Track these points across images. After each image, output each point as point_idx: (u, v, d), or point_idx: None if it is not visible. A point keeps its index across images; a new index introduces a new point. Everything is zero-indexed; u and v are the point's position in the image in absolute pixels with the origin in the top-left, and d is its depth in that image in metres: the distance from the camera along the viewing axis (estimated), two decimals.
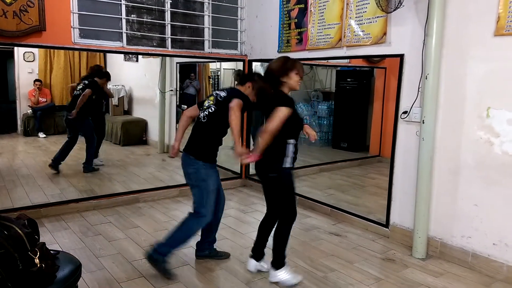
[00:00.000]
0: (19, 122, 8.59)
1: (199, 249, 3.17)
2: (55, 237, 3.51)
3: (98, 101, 5.78)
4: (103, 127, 6.14)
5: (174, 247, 2.89)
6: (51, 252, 1.90)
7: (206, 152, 2.88)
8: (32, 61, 8.68)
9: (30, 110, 8.38)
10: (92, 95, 5.46)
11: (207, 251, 3.16)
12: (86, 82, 5.53)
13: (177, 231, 2.89)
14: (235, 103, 2.69)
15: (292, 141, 2.67)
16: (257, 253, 2.94)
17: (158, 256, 2.83)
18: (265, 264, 2.93)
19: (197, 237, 3.10)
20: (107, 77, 5.73)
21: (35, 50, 8.51)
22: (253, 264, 2.94)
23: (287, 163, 2.67)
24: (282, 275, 2.78)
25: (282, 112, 2.53)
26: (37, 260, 1.74)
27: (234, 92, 2.89)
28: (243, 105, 2.76)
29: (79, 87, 5.54)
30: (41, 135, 8.22)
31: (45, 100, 8.46)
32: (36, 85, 8.31)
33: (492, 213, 2.95)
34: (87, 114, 5.51)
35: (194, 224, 2.93)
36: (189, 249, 3.34)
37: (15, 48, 7.79)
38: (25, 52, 8.49)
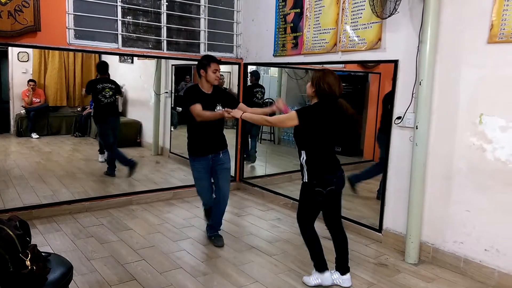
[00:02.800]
0: (12, 122, 8.53)
1: (207, 230, 3.66)
2: (47, 239, 3.48)
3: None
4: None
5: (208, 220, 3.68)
6: (43, 254, 1.88)
7: (188, 146, 3.47)
8: (26, 61, 8.64)
9: (24, 111, 8.33)
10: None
11: (208, 233, 3.61)
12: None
13: None
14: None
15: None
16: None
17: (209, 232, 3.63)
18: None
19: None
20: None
21: (30, 50, 8.47)
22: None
23: None
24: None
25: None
26: (28, 262, 1.72)
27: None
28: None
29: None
30: (34, 135, 8.16)
31: (38, 100, 8.41)
32: (30, 85, 8.26)
33: (484, 219, 2.97)
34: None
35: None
36: (181, 252, 3.34)
37: (9, 48, 7.75)
38: (19, 52, 8.44)
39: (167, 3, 4.50)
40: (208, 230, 3.62)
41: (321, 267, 2.85)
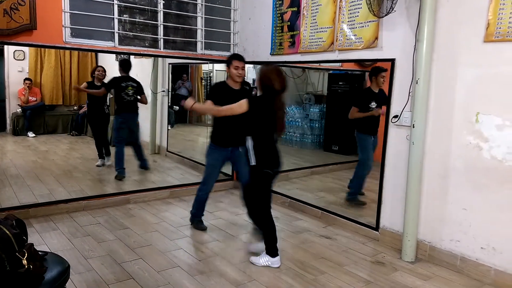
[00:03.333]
0: (8, 121, 8.49)
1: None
2: (44, 238, 3.48)
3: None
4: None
5: (194, 208, 3.86)
6: (39, 253, 1.88)
7: (213, 135, 3.65)
8: (23, 59, 8.60)
9: (20, 109, 8.29)
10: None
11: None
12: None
13: None
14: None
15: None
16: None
17: (192, 218, 3.88)
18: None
19: None
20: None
21: (26, 49, 8.42)
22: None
23: None
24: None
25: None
26: (25, 261, 1.72)
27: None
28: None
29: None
30: (31, 134, 8.13)
31: (35, 99, 8.37)
32: (26, 84, 8.23)
33: (481, 217, 2.98)
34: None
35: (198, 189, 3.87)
36: (178, 251, 3.34)
37: (5, 46, 7.71)
38: (15, 50, 8.40)
39: (163, 2, 4.48)
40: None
41: (274, 252, 3.09)
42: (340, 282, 2.91)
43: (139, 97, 5.49)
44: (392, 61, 3.45)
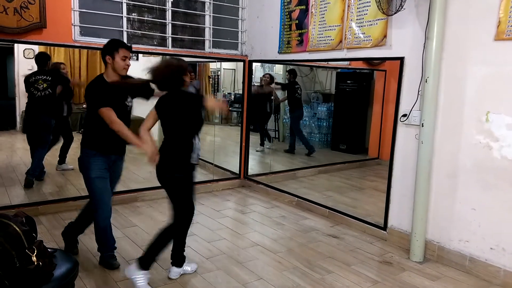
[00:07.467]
0: (18, 119, 8.57)
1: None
2: (53, 235, 3.50)
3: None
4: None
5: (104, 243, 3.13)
6: (49, 250, 1.89)
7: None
8: (32, 58, 8.66)
9: None
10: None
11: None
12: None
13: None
14: None
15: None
16: (178, 258, 2.92)
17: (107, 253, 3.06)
18: (188, 267, 2.96)
19: None
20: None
21: (35, 47, 8.48)
22: (175, 271, 2.89)
23: (194, 159, 2.74)
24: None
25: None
26: (34, 258, 1.73)
27: None
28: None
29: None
30: None
31: None
32: None
33: (490, 218, 2.95)
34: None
35: None
36: (185, 249, 3.34)
37: (15, 44, 7.77)
38: (25, 48, 8.46)
39: (172, 0, 4.50)
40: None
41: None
42: (348, 282, 2.90)
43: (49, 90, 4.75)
44: (401, 59, 3.42)
